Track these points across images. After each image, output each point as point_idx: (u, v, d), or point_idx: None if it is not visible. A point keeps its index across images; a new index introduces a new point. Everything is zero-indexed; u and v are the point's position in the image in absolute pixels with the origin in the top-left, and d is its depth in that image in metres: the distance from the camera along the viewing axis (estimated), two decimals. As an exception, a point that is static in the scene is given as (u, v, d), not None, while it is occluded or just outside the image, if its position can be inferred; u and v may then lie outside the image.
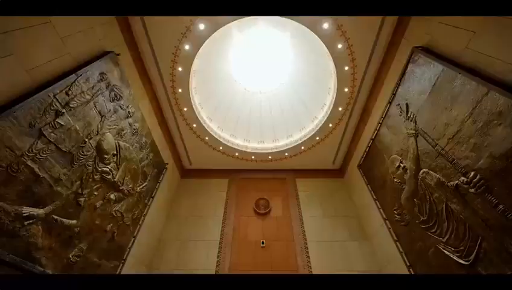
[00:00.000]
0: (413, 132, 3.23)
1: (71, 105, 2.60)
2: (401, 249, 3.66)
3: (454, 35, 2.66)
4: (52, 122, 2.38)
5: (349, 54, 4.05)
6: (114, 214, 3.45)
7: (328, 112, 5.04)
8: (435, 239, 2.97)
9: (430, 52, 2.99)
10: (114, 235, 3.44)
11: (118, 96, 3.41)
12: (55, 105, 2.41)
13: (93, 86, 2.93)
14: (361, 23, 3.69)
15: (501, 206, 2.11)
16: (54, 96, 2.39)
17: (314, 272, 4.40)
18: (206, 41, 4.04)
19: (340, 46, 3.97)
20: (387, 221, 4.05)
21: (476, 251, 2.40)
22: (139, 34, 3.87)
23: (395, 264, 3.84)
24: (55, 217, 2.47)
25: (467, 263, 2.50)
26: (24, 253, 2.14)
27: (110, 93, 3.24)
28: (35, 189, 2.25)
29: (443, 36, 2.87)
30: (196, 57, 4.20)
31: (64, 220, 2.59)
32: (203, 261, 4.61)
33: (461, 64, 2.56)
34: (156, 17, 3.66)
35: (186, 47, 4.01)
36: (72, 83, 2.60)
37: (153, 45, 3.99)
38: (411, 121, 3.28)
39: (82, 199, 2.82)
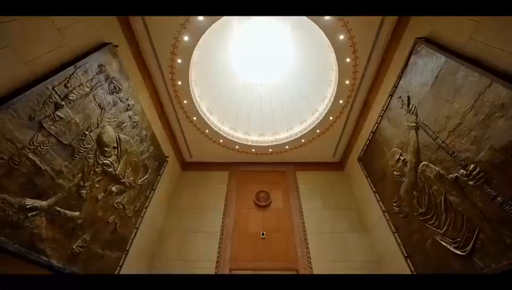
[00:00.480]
0: (414, 124, 3.21)
1: (70, 98, 2.58)
2: (399, 241, 3.72)
3: (458, 25, 2.61)
4: (52, 115, 2.38)
5: (350, 46, 3.99)
6: (116, 206, 3.49)
7: (329, 105, 5.01)
8: (432, 231, 3.01)
9: (433, 43, 2.94)
10: (116, 226, 3.50)
11: (117, 89, 3.38)
12: (54, 97, 2.40)
13: (92, 78, 2.91)
14: (364, 13, 3.62)
15: (499, 199, 2.13)
16: (53, 89, 2.38)
17: (313, 263, 4.48)
18: (205, 33, 3.97)
19: (341, 37, 3.90)
20: (386, 213, 4.09)
21: (473, 242, 2.44)
22: (137, 25, 3.80)
23: (393, 255, 3.91)
24: (58, 209, 2.51)
25: (463, 253, 2.55)
26: (28, 244, 2.19)
27: (109, 85, 3.21)
28: (38, 181, 2.27)
29: (447, 27, 2.82)
30: (195, 48, 4.14)
31: (67, 212, 2.62)
32: (204, 252, 4.70)
33: (465, 55, 2.52)
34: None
35: (186, 38, 3.95)
36: (70, 75, 2.57)
37: (152, 37, 3.93)
38: (412, 113, 3.26)
39: (84, 191, 2.85)
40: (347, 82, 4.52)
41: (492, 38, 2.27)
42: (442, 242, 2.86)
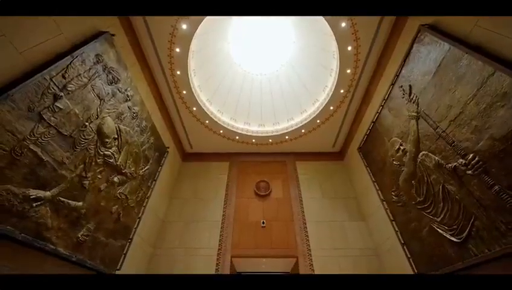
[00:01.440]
0: (415, 114, 3.20)
1: (69, 88, 2.56)
2: (396, 229, 3.80)
3: (464, 11, 2.53)
4: (51, 106, 2.37)
5: (352, 33, 3.90)
6: (118, 196, 3.54)
7: (330, 94, 4.96)
8: (429, 219, 3.07)
9: (437, 30, 2.87)
10: (120, 216, 3.57)
11: (116, 79, 3.34)
12: (53, 88, 2.38)
13: (90, 68, 2.87)
14: None
15: (496, 187, 2.16)
16: (51, 79, 2.36)
17: (312, 250, 4.60)
18: (204, 21, 3.87)
19: (343, 24, 3.80)
20: (384, 202, 4.15)
21: (468, 229, 2.50)
22: (133, 12, 3.70)
23: (391, 242, 4.01)
24: (62, 199, 2.55)
25: (459, 240, 2.61)
26: (35, 233, 2.25)
27: (107, 76, 3.17)
28: (40, 172, 2.30)
29: (452, 13, 2.74)
30: (194, 37, 4.05)
31: (70, 202, 2.67)
32: (206, 240, 4.81)
33: (469, 43, 2.47)
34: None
35: (184, 26, 3.86)
36: (68, 66, 2.54)
37: (149, 25, 3.83)
38: (413, 103, 3.24)
39: (86, 182, 2.89)
40: (348, 71, 4.46)
41: (498, 24, 2.21)
42: (438, 230, 2.92)
